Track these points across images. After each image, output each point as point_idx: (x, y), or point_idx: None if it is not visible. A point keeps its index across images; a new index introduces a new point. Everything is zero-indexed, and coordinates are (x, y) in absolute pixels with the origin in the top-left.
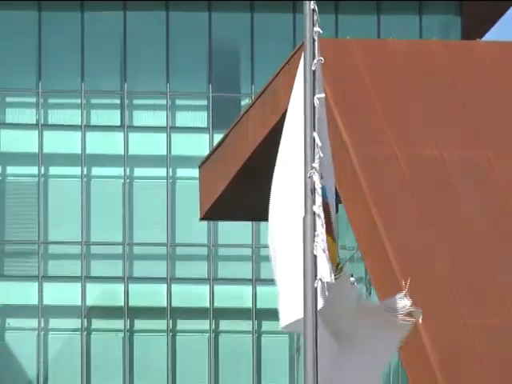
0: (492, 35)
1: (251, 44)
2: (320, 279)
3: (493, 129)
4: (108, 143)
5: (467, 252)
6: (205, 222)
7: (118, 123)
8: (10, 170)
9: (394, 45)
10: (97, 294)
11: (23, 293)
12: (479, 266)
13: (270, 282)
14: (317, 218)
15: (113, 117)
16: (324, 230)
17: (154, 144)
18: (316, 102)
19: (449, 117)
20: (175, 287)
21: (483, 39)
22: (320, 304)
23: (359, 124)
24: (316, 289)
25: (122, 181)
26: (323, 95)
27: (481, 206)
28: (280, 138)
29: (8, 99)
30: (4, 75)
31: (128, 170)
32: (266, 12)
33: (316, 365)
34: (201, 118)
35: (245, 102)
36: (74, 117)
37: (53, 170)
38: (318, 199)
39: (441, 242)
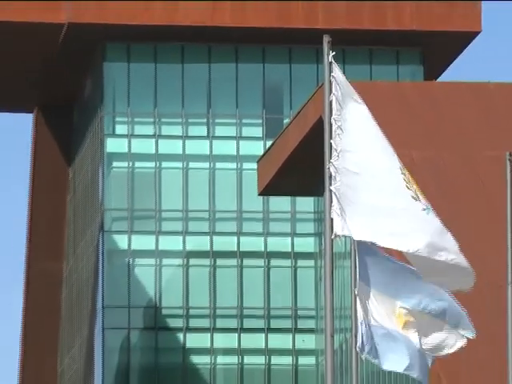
0: (443, 78)
1: (290, 83)
2: (335, 234)
3: (445, 136)
4: (200, 147)
5: None
6: (261, 197)
7: (205, 134)
8: (138, 164)
9: (381, 85)
10: (192, 243)
11: (146, 242)
12: None
13: (301, 235)
14: (333, 195)
15: (202, 129)
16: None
17: (230, 148)
18: (333, 121)
19: (416, 129)
20: (242, 238)
21: (438, 80)
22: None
23: None
24: (332, 241)
25: (207, 171)
26: (337, 115)
27: (439, 191)
28: (304, 144)
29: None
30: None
31: (212, 164)
32: (300, 62)
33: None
34: (258, 131)
35: (286, 120)
36: (176, 129)
37: (164, 164)
38: (334, 182)
39: None
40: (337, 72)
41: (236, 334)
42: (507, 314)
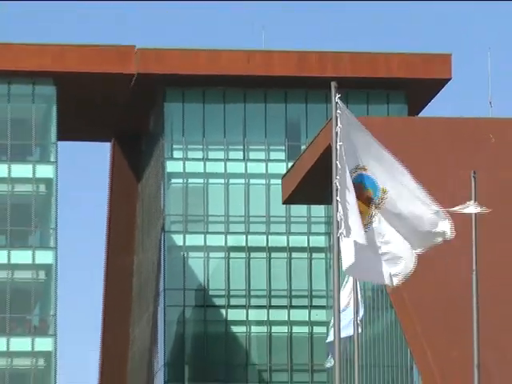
0: (423, 114)
1: (306, 118)
2: (340, 233)
3: (423, 158)
4: (238, 167)
5: None
6: (284, 205)
7: (241, 157)
8: (190, 180)
9: (375, 119)
10: (232, 240)
11: (197, 240)
12: None
13: (315, 234)
14: (338, 204)
15: (239, 154)
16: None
17: (260, 168)
18: (338, 147)
19: (400, 152)
20: (270, 237)
21: (418, 115)
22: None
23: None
24: (338, 238)
25: (243, 186)
26: (341, 143)
27: None
28: (317, 164)
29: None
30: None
31: (247, 180)
32: (314, 103)
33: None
34: (282, 155)
35: (303, 146)
36: (219, 154)
37: (210, 181)
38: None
39: None
40: (342, 109)
41: (265, 310)
42: (472, 299)
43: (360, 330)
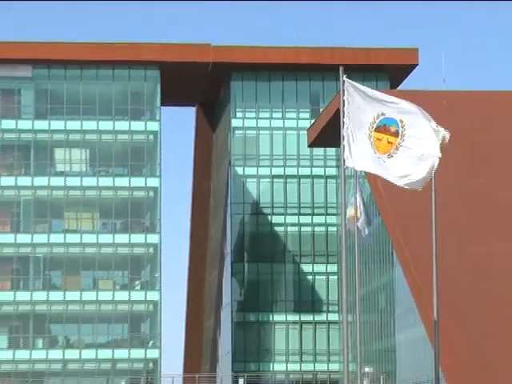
0: (399, 88)
1: (323, 90)
2: (346, 166)
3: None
4: (278, 123)
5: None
6: (309, 148)
7: (280, 116)
8: (248, 132)
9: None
10: (275, 170)
11: (252, 170)
12: None
13: (330, 166)
14: (345, 147)
15: (279, 115)
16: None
17: (293, 123)
18: (345, 110)
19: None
20: (300, 168)
21: (396, 89)
22: None
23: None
24: (344, 169)
25: (282, 135)
26: (347, 108)
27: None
28: (331, 121)
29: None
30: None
31: (284, 131)
32: (328, 80)
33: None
34: (307, 114)
35: (321, 109)
36: (266, 114)
37: (261, 132)
38: (344, 140)
39: None
40: (348, 86)
41: (297, 216)
42: (432, 216)
43: (367, 232)
